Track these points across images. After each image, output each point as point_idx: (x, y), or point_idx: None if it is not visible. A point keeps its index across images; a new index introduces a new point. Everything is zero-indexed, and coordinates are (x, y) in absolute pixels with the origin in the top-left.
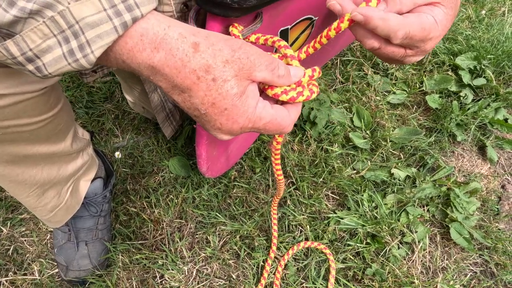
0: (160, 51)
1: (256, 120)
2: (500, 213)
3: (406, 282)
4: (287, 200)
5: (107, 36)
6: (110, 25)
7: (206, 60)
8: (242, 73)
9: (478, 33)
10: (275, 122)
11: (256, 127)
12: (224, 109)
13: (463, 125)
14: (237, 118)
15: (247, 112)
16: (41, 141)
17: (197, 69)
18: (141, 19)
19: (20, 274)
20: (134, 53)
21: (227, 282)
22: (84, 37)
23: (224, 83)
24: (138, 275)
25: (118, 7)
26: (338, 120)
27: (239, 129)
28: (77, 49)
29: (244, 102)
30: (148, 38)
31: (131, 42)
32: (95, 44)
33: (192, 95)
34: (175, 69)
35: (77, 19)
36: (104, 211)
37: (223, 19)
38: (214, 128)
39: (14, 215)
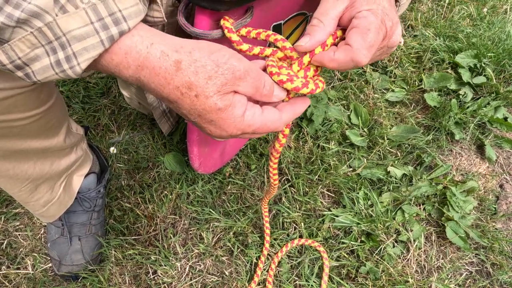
0: (144, 69)
1: (244, 127)
2: (497, 213)
3: (400, 281)
4: (281, 197)
5: (93, 49)
6: (96, 39)
7: (188, 77)
8: (225, 88)
9: (479, 31)
10: (264, 127)
11: (246, 132)
12: (211, 120)
13: (461, 123)
14: (224, 127)
15: (235, 122)
16: (33, 136)
17: (180, 86)
18: (125, 35)
19: (13, 268)
20: (120, 68)
21: (220, 278)
22: (71, 49)
23: (207, 99)
24: (131, 271)
25: (105, 20)
26: (335, 117)
27: (228, 136)
28: (64, 60)
29: (230, 114)
30: (131, 57)
31: (117, 59)
32: (81, 56)
33: (179, 107)
34: (160, 85)
35: (64, 32)
36: (97, 206)
37: (212, 12)
38: (205, 132)
39: (8, 209)
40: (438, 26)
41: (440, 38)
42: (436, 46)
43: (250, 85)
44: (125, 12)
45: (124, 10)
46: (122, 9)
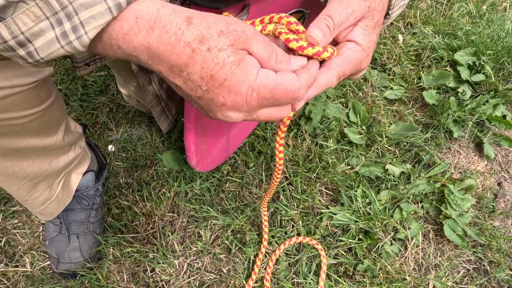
0: (155, 30)
1: (259, 87)
2: (495, 211)
3: (397, 279)
4: (280, 195)
5: (101, 17)
6: (104, 6)
7: (200, 31)
8: (237, 43)
9: (478, 29)
10: (281, 88)
11: (262, 96)
12: (224, 79)
13: (460, 121)
14: (238, 87)
15: (248, 79)
16: (32, 134)
17: (191, 41)
18: (135, 2)
19: (11, 266)
20: (130, 36)
21: (218, 276)
22: (77, 18)
23: (220, 52)
24: (129, 268)
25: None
26: (333, 115)
27: (244, 101)
28: (70, 31)
29: (244, 69)
30: (143, 20)
31: (126, 26)
32: (89, 25)
33: (190, 72)
34: (169, 45)
35: (70, 0)
36: (96, 204)
37: (208, 10)
38: (218, 106)
39: (7, 207)
40: (437, 24)
41: (439, 36)
42: (435, 43)
43: (262, 46)
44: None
45: None
46: None
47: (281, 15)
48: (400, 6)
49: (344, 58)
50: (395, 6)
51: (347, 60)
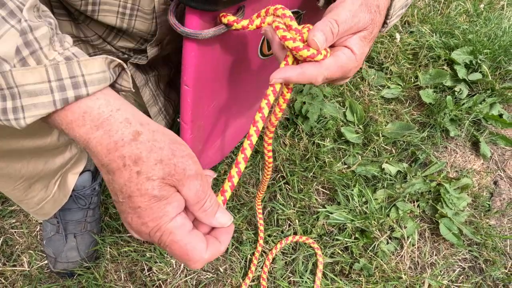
0: (99, 129)
1: (165, 231)
2: (491, 209)
3: (393, 277)
4: (276, 195)
5: (43, 108)
6: (49, 98)
7: (140, 151)
8: (170, 179)
9: (475, 27)
10: (183, 248)
11: (163, 240)
12: (138, 206)
13: (457, 120)
14: (148, 220)
15: (160, 219)
16: (26, 135)
17: (126, 156)
18: (88, 97)
19: (9, 266)
20: (73, 126)
21: (215, 275)
22: (20, 102)
23: (147, 180)
24: (126, 268)
25: (64, 81)
26: (330, 114)
27: (147, 233)
28: (10, 110)
29: (161, 208)
30: (91, 116)
31: (72, 116)
32: (29, 111)
33: (114, 180)
34: (106, 149)
35: (17, 84)
36: (93, 203)
37: (202, 12)
38: (125, 221)
39: (4, 207)
40: (435, 22)
41: (436, 35)
42: (432, 42)
43: (194, 190)
44: (88, 78)
45: (87, 76)
46: (85, 74)
47: (277, 7)
48: (397, 15)
49: (337, 61)
50: (393, 15)
51: (339, 64)
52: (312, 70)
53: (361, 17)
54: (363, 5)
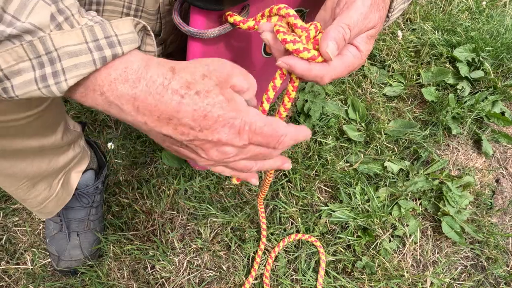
0: (141, 80)
1: (251, 122)
2: (493, 207)
3: (396, 276)
4: (279, 193)
5: (83, 67)
6: (89, 57)
7: (185, 78)
8: (221, 83)
9: (477, 25)
10: (270, 128)
11: (253, 130)
12: (218, 116)
13: (459, 118)
14: (233, 121)
15: (241, 114)
16: (30, 135)
17: (178, 88)
18: (126, 54)
19: (12, 264)
20: (116, 84)
21: (218, 273)
22: (60, 65)
23: (208, 93)
24: (129, 266)
25: (100, 42)
26: (332, 112)
27: (237, 134)
28: (50, 75)
29: (234, 106)
30: (132, 70)
31: (114, 74)
32: (70, 72)
33: (181, 117)
34: (157, 94)
35: (56, 47)
36: (96, 202)
37: (207, 12)
38: (214, 142)
39: (7, 205)
40: (437, 20)
41: (438, 32)
42: (435, 40)
43: (242, 78)
44: (121, 37)
45: (120, 35)
46: (118, 34)
47: (280, 6)
48: (399, 9)
49: (344, 62)
50: (395, 9)
51: (347, 64)
52: (319, 69)
53: (371, 17)
54: (373, 5)
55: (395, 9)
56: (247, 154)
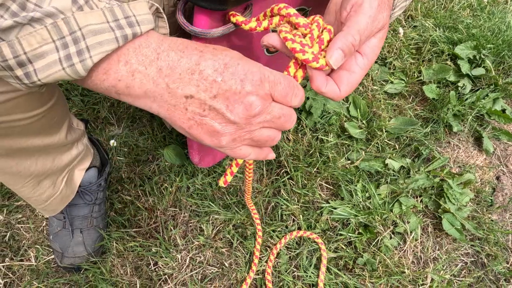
0: (164, 41)
1: (269, 73)
2: (493, 204)
3: (396, 272)
4: (280, 190)
5: (107, 44)
6: (111, 35)
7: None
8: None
9: (479, 22)
10: (286, 79)
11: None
12: (237, 64)
13: (460, 115)
14: (252, 68)
15: (258, 65)
16: (35, 134)
17: (197, 46)
18: (144, 34)
19: (16, 260)
20: (140, 49)
21: (220, 270)
22: (84, 43)
23: (225, 50)
24: (132, 262)
25: (120, 21)
26: (334, 109)
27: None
28: (75, 54)
29: (249, 60)
30: (153, 38)
31: (138, 42)
32: (94, 49)
33: (202, 69)
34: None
35: (80, 26)
36: (99, 199)
37: (211, 12)
38: (238, 92)
39: (11, 202)
40: (438, 17)
41: (440, 29)
42: (436, 37)
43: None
44: (139, 18)
45: (138, 16)
46: (136, 15)
47: (280, 6)
48: (401, 7)
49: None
50: (396, 6)
51: (355, 82)
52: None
53: (380, 18)
54: (380, 4)
55: (397, 6)
56: (271, 114)
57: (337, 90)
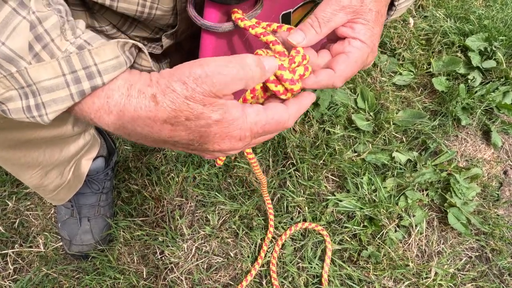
0: (126, 113)
1: (251, 126)
2: (500, 199)
3: (401, 265)
4: (286, 182)
5: (61, 102)
6: (66, 92)
7: (170, 107)
8: (208, 99)
9: (491, 13)
10: (273, 122)
11: (254, 132)
12: (214, 134)
13: (469, 109)
14: (231, 134)
15: (238, 125)
16: (43, 126)
17: (166, 118)
18: (107, 83)
19: (26, 247)
20: (101, 114)
21: (225, 259)
22: (40, 98)
23: (199, 117)
24: (139, 251)
25: (78, 73)
26: (341, 101)
27: (238, 142)
28: (34, 107)
29: (229, 118)
30: (113, 101)
31: (98, 103)
32: (49, 107)
33: (176, 140)
34: (146, 126)
35: (34, 81)
36: (106, 188)
37: (221, 5)
38: (216, 151)
39: (19, 189)
40: (450, 7)
41: (451, 20)
42: (447, 28)
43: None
44: (101, 66)
45: (100, 64)
46: (98, 63)
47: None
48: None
49: (350, 59)
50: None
51: (353, 61)
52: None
53: (345, 2)
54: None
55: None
56: (255, 142)
57: (331, 72)
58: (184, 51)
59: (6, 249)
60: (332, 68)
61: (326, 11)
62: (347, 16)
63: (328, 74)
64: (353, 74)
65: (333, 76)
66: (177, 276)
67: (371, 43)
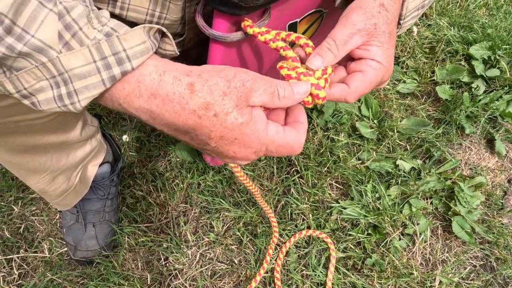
0: (157, 97)
1: (268, 142)
2: (504, 208)
3: (405, 273)
4: (290, 189)
5: (93, 88)
6: (97, 78)
7: (204, 98)
8: (241, 102)
9: (495, 21)
10: (287, 146)
11: (269, 150)
12: (234, 139)
13: (472, 117)
14: (250, 143)
15: (259, 136)
16: (51, 131)
17: (196, 109)
18: (140, 66)
19: (31, 252)
20: (131, 98)
21: (230, 266)
22: (72, 86)
23: (226, 116)
24: (144, 257)
25: (108, 59)
26: (345, 109)
27: (253, 154)
28: (66, 95)
29: (252, 127)
30: (144, 85)
31: (128, 88)
32: (82, 94)
33: (197, 134)
34: (174, 113)
35: (66, 69)
36: (111, 194)
37: (230, 16)
38: (229, 157)
39: (25, 195)
40: (453, 15)
41: (454, 28)
42: (450, 36)
43: (263, 92)
44: (130, 52)
45: (129, 50)
46: (127, 48)
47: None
48: (412, 17)
49: (366, 78)
50: (406, 17)
51: (369, 80)
52: (339, 93)
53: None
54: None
55: (407, 17)
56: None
57: (345, 87)
58: (191, 58)
59: (12, 254)
60: (347, 83)
61: (343, 34)
62: (362, 39)
63: (342, 89)
64: (366, 93)
65: (347, 91)
66: (181, 282)
67: (387, 64)
